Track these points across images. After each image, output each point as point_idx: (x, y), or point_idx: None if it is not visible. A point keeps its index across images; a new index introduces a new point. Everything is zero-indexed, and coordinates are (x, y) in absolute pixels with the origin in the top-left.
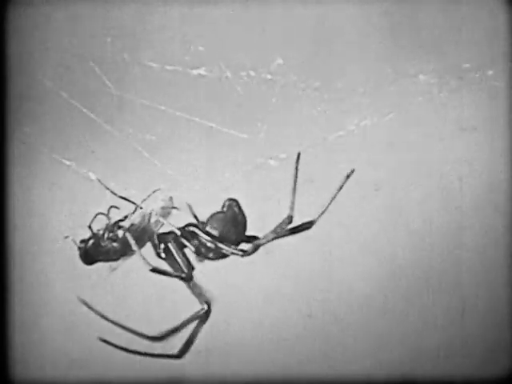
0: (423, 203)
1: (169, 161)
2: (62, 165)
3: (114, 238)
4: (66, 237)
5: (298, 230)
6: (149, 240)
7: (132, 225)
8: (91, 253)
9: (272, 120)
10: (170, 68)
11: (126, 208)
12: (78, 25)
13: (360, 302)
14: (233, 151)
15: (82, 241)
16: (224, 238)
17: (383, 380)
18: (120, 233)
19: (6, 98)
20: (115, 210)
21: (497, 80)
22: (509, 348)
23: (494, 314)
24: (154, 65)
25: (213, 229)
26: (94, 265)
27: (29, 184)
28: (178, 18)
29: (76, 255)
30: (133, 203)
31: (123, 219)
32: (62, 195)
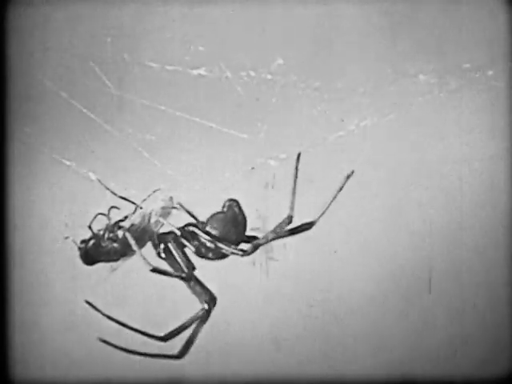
0: (423, 203)
1: (169, 161)
2: (62, 165)
3: (114, 238)
4: (67, 237)
5: (298, 231)
6: (149, 240)
7: (132, 225)
8: (92, 253)
9: (272, 120)
10: (170, 68)
11: (126, 208)
12: (78, 25)
13: (360, 302)
14: (233, 151)
15: (83, 241)
16: (224, 238)
17: (383, 380)
18: (120, 233)
19: (6, 98)
20: (115, 210)
21: (497, 80)
22: (509, 348)
23: (493, 314)
24: (154, 65)
25: (213, 229)
26: (95, 265)
27: (29, 184)
28: (178, 18)
29: (76, 255)
30: (133, 203)
31: (123, 219)
32: (62, 195)
